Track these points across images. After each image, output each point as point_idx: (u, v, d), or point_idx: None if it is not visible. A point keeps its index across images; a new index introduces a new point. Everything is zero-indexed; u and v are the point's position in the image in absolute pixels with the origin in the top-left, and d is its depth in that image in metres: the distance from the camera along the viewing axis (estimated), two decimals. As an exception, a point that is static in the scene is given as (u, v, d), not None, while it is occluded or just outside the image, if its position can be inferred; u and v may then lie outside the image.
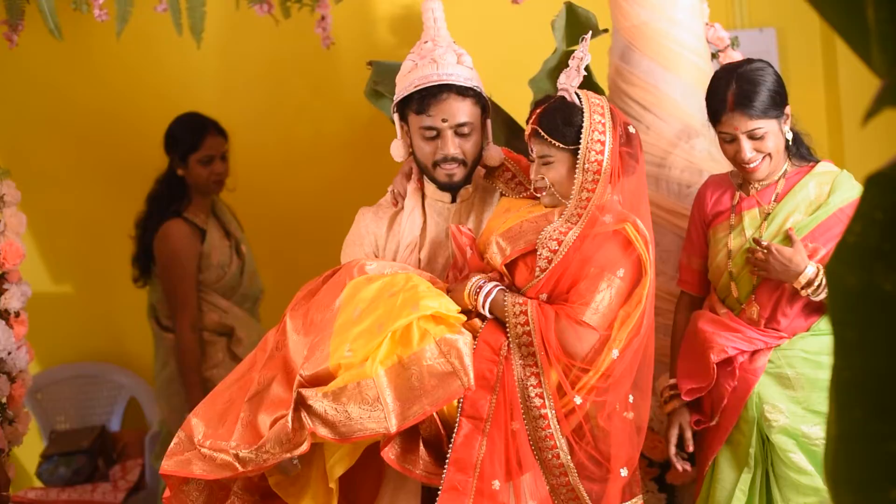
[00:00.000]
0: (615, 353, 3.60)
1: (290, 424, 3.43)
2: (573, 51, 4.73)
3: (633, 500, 3.77)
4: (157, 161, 6.43)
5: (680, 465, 4.11)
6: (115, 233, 6.63)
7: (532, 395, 3.57)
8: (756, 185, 4.06)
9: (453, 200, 4.02)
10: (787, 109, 3.98)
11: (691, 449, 4.11)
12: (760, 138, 3.92)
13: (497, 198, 4.02)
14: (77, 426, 6.55)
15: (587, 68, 4.75)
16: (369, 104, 5.23)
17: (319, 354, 3.53)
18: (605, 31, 4.90)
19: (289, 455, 3.48)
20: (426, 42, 4.02)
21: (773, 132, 3.94)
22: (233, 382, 3.75)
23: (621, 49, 4.80)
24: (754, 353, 4.00)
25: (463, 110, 3.89)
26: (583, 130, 3.66)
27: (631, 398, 3.70)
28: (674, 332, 4.29)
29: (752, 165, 3.95)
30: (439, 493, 3.49)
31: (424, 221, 4.02)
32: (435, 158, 3.90)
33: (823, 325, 3.94)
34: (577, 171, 3.65)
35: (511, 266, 3.73)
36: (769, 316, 3.99)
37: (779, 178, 4.05)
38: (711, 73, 4.54)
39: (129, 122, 6.64)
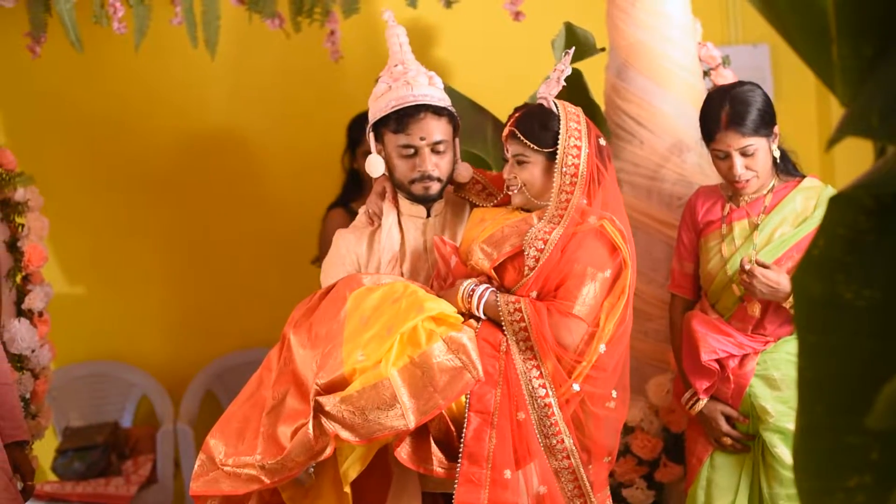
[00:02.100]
0: (602, 347, 3.73)
1: (311, 431, 3.51)
2: (572, 68, 4.88)
3: (606, 490, 3.90)
4: (170, 167, 6.59)
5: (738, 445, 4.18)
6: (128, 236, 6.77)
7: (536, 385, 3.69)
8: (746, 197, 4.18)
9: (428, 215, 4.09)
10: (776, 129, 4.11)
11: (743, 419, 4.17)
12: (751, 155, 4.05)
13: (468, 210, 4.11)
14: (90, 422, 6.56)
15: (583, 84, 4.92)
16: None
17: (333, 362, 3.61)
18: (603, 49, 5.00)
19: (314, 462, 3.56)
20: (396, 66, 4.09)
21: (763, 150, 4.07)
22: (244, 402, 3.80)
23: (617, 67, 4.88)
24: (743, 357, 4.11)
25: (439, 129, 3.98)
26: (560, 135, 3.79)
27: (614, 393, 3.83)
28: (673, 335, 4.38)
29: (742, 182, 4.08)
30: (455, 486, 3.59)
31: (402, 237, 4.09)
32: (412, 176, 3.99)
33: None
34: (555, 173, 3.78)
35: (499, 269, 3.82)
36: (760, 319, 4.11)
37: (767, 192, 4.16)
38: (703, 91, 4.65)
39: (144, 130, 6.70)
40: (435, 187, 4.01)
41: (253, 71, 6.78)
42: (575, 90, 4.97)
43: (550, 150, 3.81)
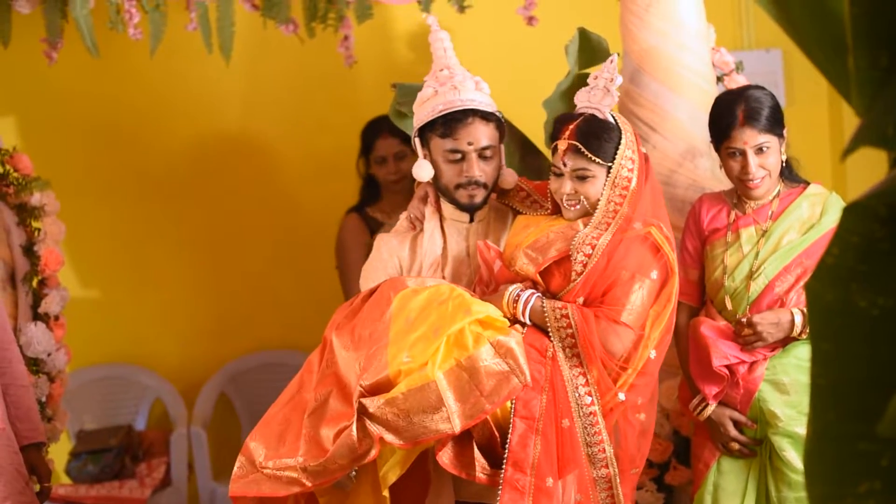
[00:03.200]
0: (653, 353, 3.72)
1: (355, 434, 3.45)
2: (586, 74, 4.84)
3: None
4: (185, 172, 6.62)
5: (746, 450, 4.18)
6: (143, 240, 6.80)
7: (582, 392, 3.64)
8: (752, 204, 4.20)
9: (471, 220, 4.05)
10: (785, 132, 4.14)
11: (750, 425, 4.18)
12: (765, 153, 4.08)
13: (511, 217, 4.06)
14: (104, 425, 6.60)
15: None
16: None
17: (378, 364, 3.54)
18: (616, 55, 5.02)
19: (357, 465, 3.52)
20: (442, 70, 4.06)
21: (775, 150, 4.10)
22: (284, 404, 3.74)
23: (631, 72, 4.87)
24: (753, 362, 4.12)
25: (486, 134, 3.94)
26: (619, 147, 3.74)
27: (640, 400, 3.79)
28: (679, 341, 4.32)
29: (755, 181, 4.09)
30: (499, 493, 3.52)
31: (445, 242, 4.04)
32: (459, 181, 3.95)
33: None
34: (606, 185, 3.72)
35: (545, 273, 3.77)
36: None
37: (773, 198, 4.18)
38: (716, 96, 4.72)
39: (160, 135, 6.74)
40: (480, 194, 3.98)
41: (267, 76, 6.81)
42: (588, 95, 5.02)
43: (611, 163, 3.75)
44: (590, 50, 4.99)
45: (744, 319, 4.06)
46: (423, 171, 4.05)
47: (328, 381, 3.64)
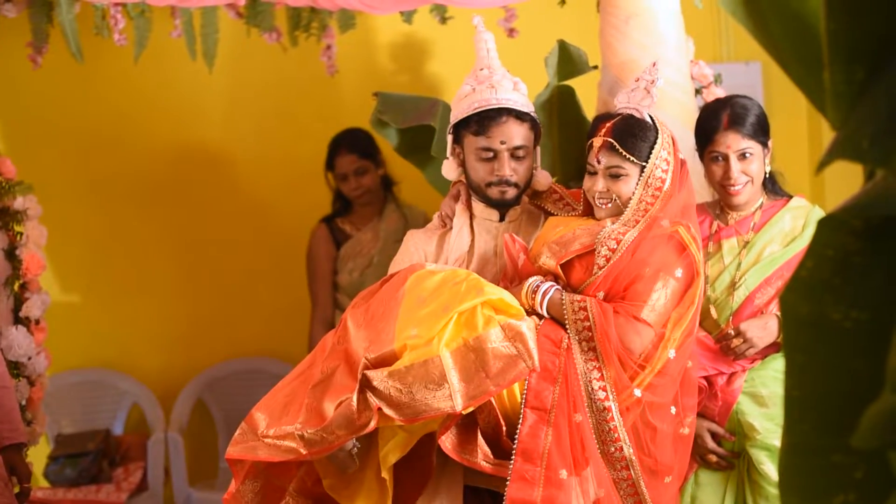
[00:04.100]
0: (672, 352, 3.64)
1: (354, 405, 3.40)
2: (565, 86, 4.92)
3: None
4: (166, 177, 6.63)
5: (723, 462, 4.15)
6: (123, 246, 6.82)
7: (596, 387, 3.57)
8: (734, 216, 4.17)
9: (501, 220, 4.01)
10: (770, 143, 4.13)
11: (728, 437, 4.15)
12: (748, 160, 4.06)
13: (542, 220, 4.02)
14: (82, 430, 6.60)
15: (576, 101, 4.96)
16: (369, 128, 5.39)
17: (385, 337, 3.50)
18: (595, 67, 5.04)
19: (354, 437, 3.47)
20: (482, 69, 4.03)
21: (758, 158, 4.08)
22: (293, 379, 3.72)
23: (610, 84, 4.85)
24: (731, 374, 4.09)
25: (520, 134, 3.90)
26: (655, 147, 3.72)
27: (673, 409, 3.73)
28: None
29: (736, 187, 4.06)
30: (507, 483, 3.45)
31: (473, 239, 4.00)
32: (490, 179, 3.91)
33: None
34: (639, 184, 3.70)
35: (567, 267, 3.72)
36: None
37: (755, 210, 4.16)
38: (695, 109, 4.66)
39: (142, 141, 6.76)
40: (511, 192, 3.94)
41: (250, 83, 6.85)
42: (567, 107, 5.06)
43: (645, 163, 3.73)
44: (569, 62, 5.05)
45: (731, 330, 4.04)
46: (449, 170, 4.06)
47: (337, 356, 3.60)
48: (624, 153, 3.72)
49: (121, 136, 6.77)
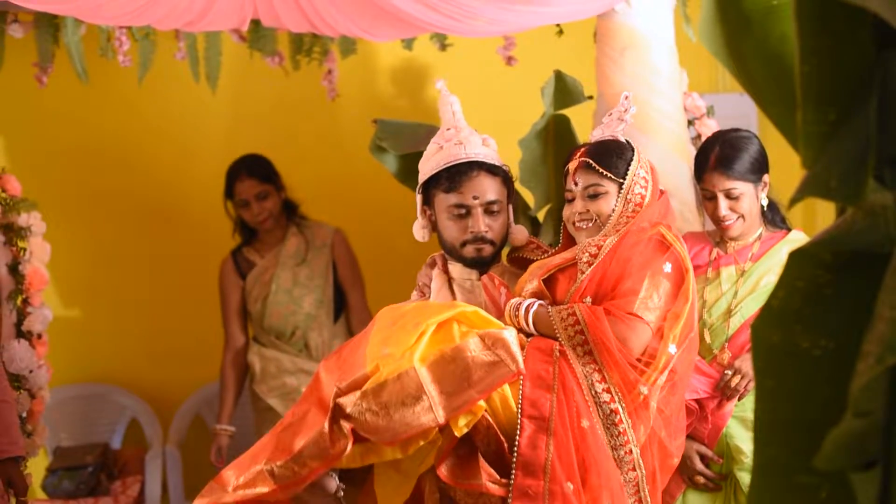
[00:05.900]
0: (672, 347, 3.49)
1: (327, 432, 3.24)
2: (561, 115, 4.98)
3: None
4: (167, 197, 6.67)
5: (711, 484, 4.15)
6: (123, 263, 6.86)
7: (599, 390, 3.43)
8: (733, 245, 4.19)
9: (479, 278, 3.82)
10: (766, 178, 4.13)
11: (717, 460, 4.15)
12: (736, 199, 4.06)
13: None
14: (81, 443, 6.61)
15: (571, 130, 5.00)
16: (368, 152, 5.40)
17: (356, 363, 3.36)
18: (591, 97, 5.09)
19: (330, 466, 3.30)
20: (448, 129, 3.88)
21: (749, 195, 4.08)
22: (263, 439, 3.50)
23: (604, 114, 4.86)
24: (722, 399, 4.09)
25: (493, 188, 3.77)
26: (632, 164, 3.67)
27: (662, 432, 3.59)
28: None
29: (726, 223, 4.09)
30: (509, 502, 3.29)
31: (453, 298, 3.82)
32: (464, 238, 3.76)
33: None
34: (618, 201, 3.64)
35: (550, 283, 3.63)
36: None
37: (754, 241, 4.18)
38: (687, 140, 4.74)
39: (144, 161, 6.80)
40: (488, 249, 3.78)
41: (252, 106, 6.88)
42: (562, 136, 5.09)
43: (623, 180, 3.67)
44: (565, 91, 5.07)
45: (728, 371, 4.05)
46: (419, 232, 3.92)
47: (309, 401, 3.43)
48: (600, 170, 3.68)
49: (124, 154, 6.81)
